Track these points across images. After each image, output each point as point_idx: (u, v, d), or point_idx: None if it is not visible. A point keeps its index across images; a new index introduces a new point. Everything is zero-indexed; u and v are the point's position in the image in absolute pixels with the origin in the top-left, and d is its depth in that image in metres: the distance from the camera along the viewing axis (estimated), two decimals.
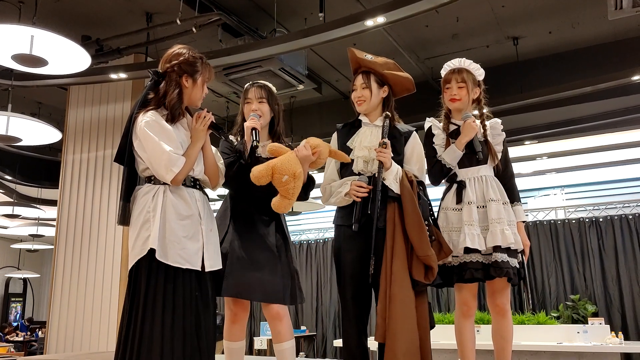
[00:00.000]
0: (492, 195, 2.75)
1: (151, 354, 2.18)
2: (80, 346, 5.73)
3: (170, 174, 2.30)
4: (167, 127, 2.37)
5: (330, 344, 9.55)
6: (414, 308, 2.42)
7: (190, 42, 3.97)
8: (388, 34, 5.72)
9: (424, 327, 2.46)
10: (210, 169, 2.55)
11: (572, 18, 5.79)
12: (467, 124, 2.78)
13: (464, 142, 2.77)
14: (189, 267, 2.30)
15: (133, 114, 2.42)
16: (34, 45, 3.99)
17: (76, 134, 6.42)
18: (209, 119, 2.48)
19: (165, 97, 2.43)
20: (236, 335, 2.69)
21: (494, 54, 6.43)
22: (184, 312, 2.27)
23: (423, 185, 2.69)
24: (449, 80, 2.89)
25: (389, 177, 2.55)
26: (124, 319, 2.29)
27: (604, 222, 8.08)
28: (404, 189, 2.53)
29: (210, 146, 2.57)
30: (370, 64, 2.73)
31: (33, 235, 10.80)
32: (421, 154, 2.76)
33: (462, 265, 2.69)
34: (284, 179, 2.43)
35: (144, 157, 2.37)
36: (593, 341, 5.83)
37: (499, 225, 2.67)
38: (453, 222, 2.78)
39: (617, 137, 7.58)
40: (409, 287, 2.42)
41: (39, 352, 11.33)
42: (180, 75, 2.45)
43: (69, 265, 6.04)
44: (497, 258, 2.62)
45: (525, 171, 8.89)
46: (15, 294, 15.78)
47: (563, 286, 8.08)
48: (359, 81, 2.75)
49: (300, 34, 4.74)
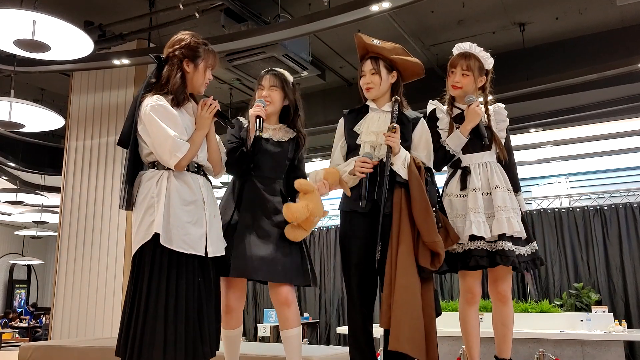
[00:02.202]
0: (497, 182, 2.72)
1: (154, 338, 2.18)
2: (84, 332, 5.76)
3: (174, 159, 2.29)
4: (173, 112, 2.35)
5: (333, 331, 9.58)
6: (418, 295, 2.39)
7: (192, 28, 3.94)
8: (393, 19, 5.67)
9: (429, 315, 2.44)
10: (214, 156, 2.53)
11: (579, 4, 5.73)
12: (471, 110, 2.73)
13: (469, 128, 2.73)
14: (193, 252, 2.29)
15: (138, 98, 2.41)
16: (36, 30, 3.96)
17: (79, 120, 6.40)
18: (214, 107, 2.46)
19: (169, 81, 2.41)
20: (231, 323, 2.65)
21: (500, 40, 6.37)
22: (187, 297, 2.26)
23: (431, 171, 2.65)
24: (455, 65, 2.84)
25: (397, 162, 2.51)
26: (127, 303, 2.29)
27: (608, 211, 8.05)
28: (412, 174, 2.50)
29: (215, 134, 2.55)
30: (379, 49, 2.68)
31: (37, 222, 10.82)
32: (429, 141, 2.71)
33: (467, 252, 2.67)
34: (315, 219, 2.55)
35: (147, 141, 2.35)
36: (596, 329, 5.82)
37: (505, 213, 2.65)
38: (458, 209, 2.75)
39: (622, 125, 7.53)
40: (414, 274, 2.40)
41: (43, 338, 11.42)
42: (182, 60, 2.44)
43: (72, 252, 6.05)
44: (505, 247, 2.60)
45: (529, 159, 8.85)
46: (20, 281, 15.88)
47: (567, 274, 8.08)
48: (367, 67, 2.69)
49: (304, 20, 4.70)
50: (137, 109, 2.38)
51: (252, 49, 5.23)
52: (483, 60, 2.85)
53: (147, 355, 2.17)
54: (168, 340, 2.18)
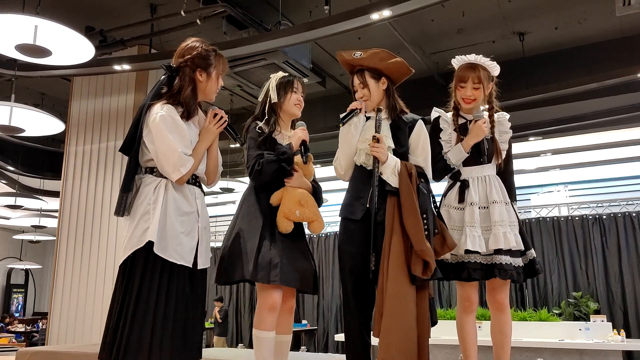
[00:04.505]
0: (495, 197, 2.75)
1: (140, 346, 2.17)
2: (81, 337, 5.74)
3: (177, 173, 2.29)
4: (181, 125, 2.34)
5: (331, 338, 9.56)
6: (410, 303, 2.38)
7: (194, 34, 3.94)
8: (393, 28, 5.69)
9: (423, 323, 2.43)
10: (212, 167, 2.53)
11: (579, 14, 5.75)
12: (477, 126, 2.74)
13: (472, 143, 2.75)
14: (183, 263, 2.29)
15: (145, 105, 2.39)
16: (38, 35, 3.96)
17: (79, 125, 6.40)
18: (224, 122, 2.46)
19: (180, 92, 2.40)
20: (272, 324, 2.56)
21: (499, 49, 6.39)
22: (176, 307, 2.26)
23: (425, 177, 2.63)
24: (465, 79, 2.80)
25: (386, 171, 2.52)
26: (114, 308, 2.27)
27: (607, 220, 8.06)
28: (402, 182, 2.50)
29: (217, 145, 2.55)
30: (361, 61, 2.70)
31: (35, 227, 10.81)
32: (427, 144, 2.70)
33: (461, 264, 2.70)
34: (297, 214, 2.56)
35: (151, 149, 2.34)
36: (595, 338, 5.82)
37: (502, 227, 2.68)
38: (455, 221, 2.77)
39: (621, 134, 7.55)
40: (405, 283, 2.39)
41: (40, 343, 11.37)
42: (194, 70, 2.43)
43: (70, 257, 6.04)
44: (502, 261, 2.63)
45: (529, 167, 8.87)
46: (17, 285, 15.84)
47: (565, 283, 8.08)
48: (356, 81, 2.73)
49: (305, 27, 4.72)
50: (144, 115, 2.36)
51: (253, 55, 5.24)
52: (490, 69, 2.85)
53: (131, 358, 2.16)
54: (154, 345, 2.18)
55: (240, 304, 11.18)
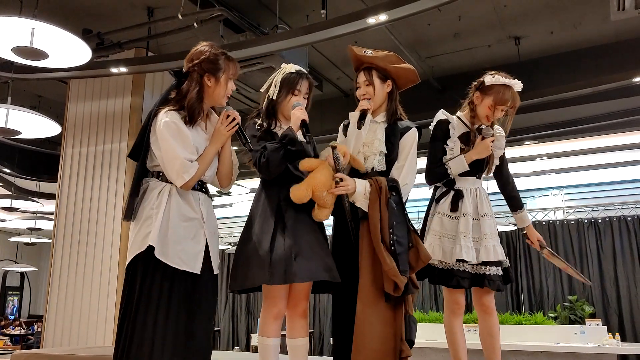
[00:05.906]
0: (486, 210, 2.86)
1: (141, 350, 2.18)
2: (77, 340, 5.72)
3: (181, 180, 2.29)
4: (185, 131, 2.33)
5: (327, 341, 9.56)
6: (376, 323, 2.40)
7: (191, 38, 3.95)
8: (390, 32, 5.71)
9: (395, 342, 2.42)
10: (225, 170, 2.51)
11: (574, 18, 5.78)
12: (484, 144, 2.82)
13: (474, 158, 2.83)
14: (186, 268, 2.27)
15: (152, 111, 2.39)
16: (35, 38, 3.96)
17: (75, 127, 6.39)
18: (235, 124, 2.42)
19: (185, 97, 2.38)
20: (276, 331, 2.51)
21: (495, 54, 6.42)
22: (178, 312, 2.25)
23: (396, 189, 2.53)
24: (504, 102, 2.83)
25: (358, 198, 2.49)
26: (120, 313, 2.29)
27: (602, 224, 8.09)
28: (370, 204, 2.47)
29: (230, 146, 2.50)
30: (371, 59, 2.69)
31: (31, 229, 10.77)
32: (411, 156, 2.62)
33: (450, 271, 2.78)
34: (323, 194, 2.43)
35: (157, 155, 2.34)
36: (590, 342, 5.84)
37: (492, 240, 2.80)
38: (447, 229, 2.84)
39: (617, 138, 7.58)
40: (374, 303, 2.40)
41: (35, 345, 11.33)
42: (202, 75, 2.41)
43: (66, 259, 6.03)
44: (491, 272, 2.76)
45: (524, 171, 8.89)
46: (12, 288, 15.78)
47: (561, 287, 8.10)
48: (361, 78, 2.71)
49: (302, 31, 4.73)
50: (151, 121, 2.37)
51: (250, 59, 5.25)
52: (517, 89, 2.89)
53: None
54: (155, 348, 2.18)
55: (237, 308, 11.17)
